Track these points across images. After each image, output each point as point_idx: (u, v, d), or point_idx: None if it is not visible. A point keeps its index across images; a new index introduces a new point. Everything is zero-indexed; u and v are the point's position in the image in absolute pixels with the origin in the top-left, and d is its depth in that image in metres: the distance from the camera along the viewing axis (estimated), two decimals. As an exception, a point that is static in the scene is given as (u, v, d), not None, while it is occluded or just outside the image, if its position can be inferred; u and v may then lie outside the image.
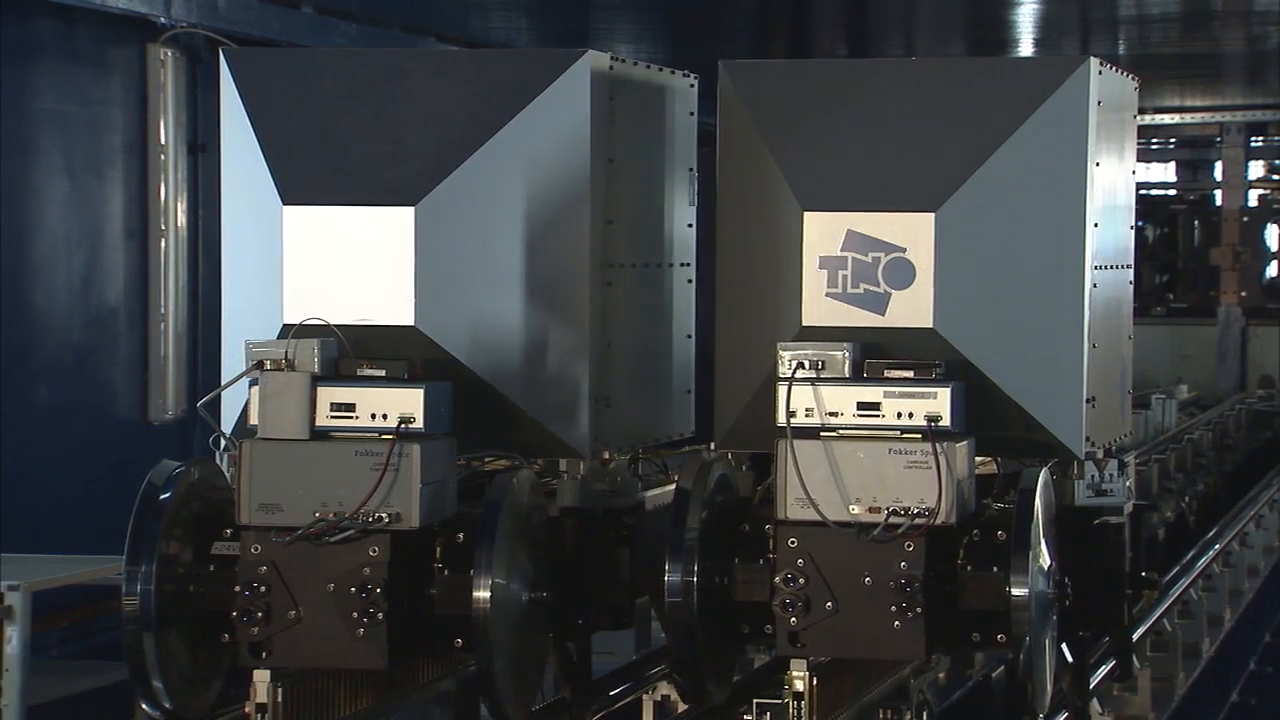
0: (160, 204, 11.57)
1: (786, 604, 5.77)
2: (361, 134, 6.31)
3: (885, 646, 5.83)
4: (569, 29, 14.09)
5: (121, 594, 5.87)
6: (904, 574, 5.72)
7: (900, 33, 15.26)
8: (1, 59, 10.28)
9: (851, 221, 6.12)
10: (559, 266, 6.33)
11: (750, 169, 6.30)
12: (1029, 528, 5.79)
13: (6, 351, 10.58)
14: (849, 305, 6.12)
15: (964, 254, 6.10)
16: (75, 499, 10.03)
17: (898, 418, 5.81)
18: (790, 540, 5.82)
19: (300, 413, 5.87)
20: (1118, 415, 6.66)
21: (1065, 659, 6.34)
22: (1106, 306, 6.42)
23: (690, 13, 13.51)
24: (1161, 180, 21.08)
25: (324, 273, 6.24)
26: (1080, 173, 6.14)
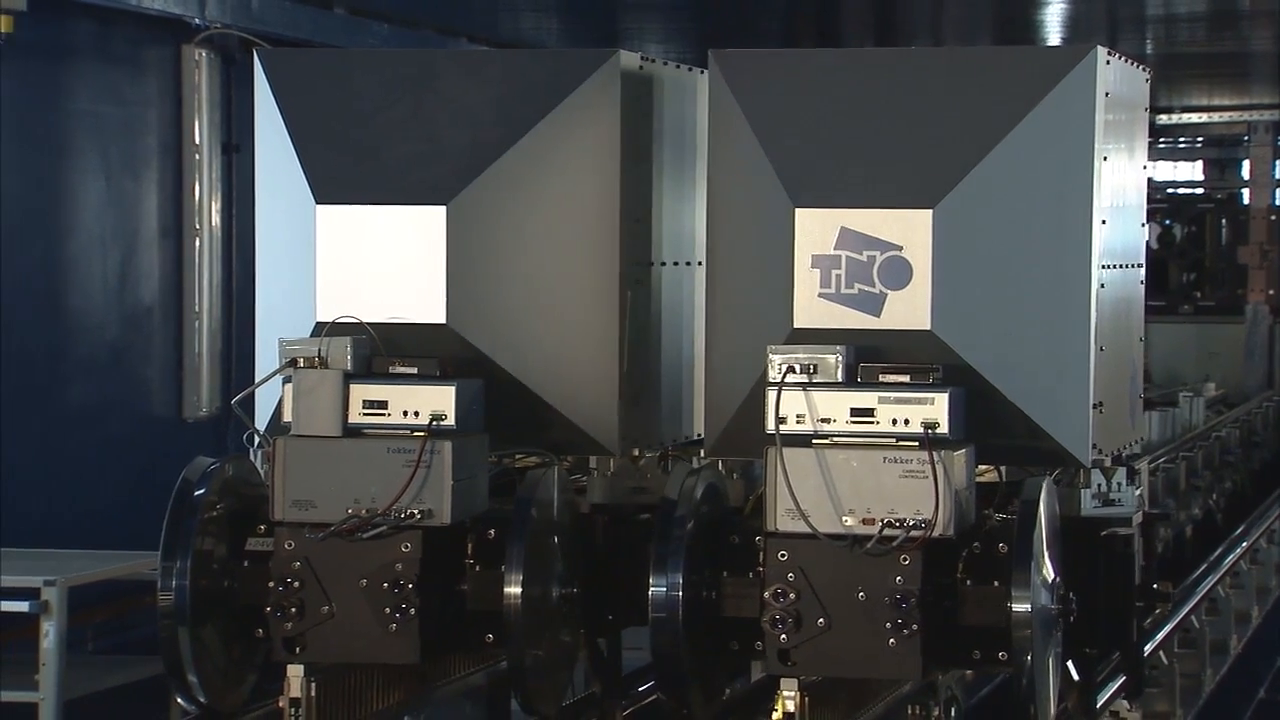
0: (195, 203, 11.60)
1: (776, 620, 5.42)
2: (393, 134, 6.32)
3: (879, 665, 5.45)
4: (599, 29, 14.09)
5: (157, 589, 5.89)
6: (899, 589, 5.36)
7: (928, 32, 15.23)
8: (39, 59, 10.31)
9: (845, 218, 5.77)
10: (589, 265, 6.32)
11: (740, 163, 5.96)
12: (1031, 540, 5.46)
13: (43, 349, 10.62)
14: (843, 306, 5.76)
15: (963, 253, 5.75)
16: (110, 495, 10.07)
17: (893, 425, 5.46)
18: (780, 553, 5.47)
19: (333, 410, 5.89)
20: (1127, 421, 6.29)
21: (1071, 677, 6.03)
22: (1115, 307, 6.08)
23: (720, 13, 13.51)
24: (1189, 179, 21.07)
25: (356, 271, 6.26)
26: (1086, 167, 5.81)
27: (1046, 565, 5.55)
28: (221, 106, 11.61)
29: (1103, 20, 13.83)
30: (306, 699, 5.96)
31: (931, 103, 5.83)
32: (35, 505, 10.02)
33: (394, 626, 5.80)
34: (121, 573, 8.89)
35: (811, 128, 5.87)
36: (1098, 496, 5.93)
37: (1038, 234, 5.79)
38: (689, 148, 6.77)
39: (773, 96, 5.93)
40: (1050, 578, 5.57)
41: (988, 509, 5.73)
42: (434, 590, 5.88)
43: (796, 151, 5.85)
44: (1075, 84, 5.78)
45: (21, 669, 8.79)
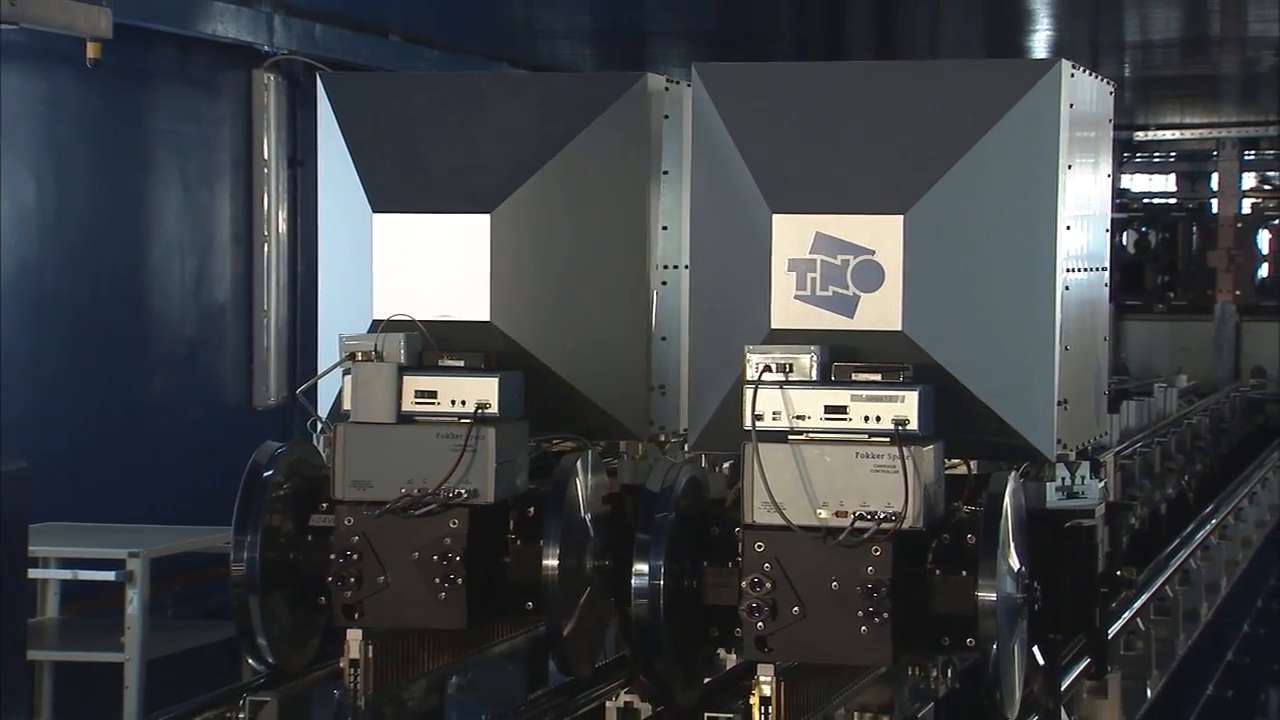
0: (263, 212, 11.62)
1: (753, 609, 5.17)
2: (443, 149, 6.31)
3: (852, 651, 5.20)
4: (628, 55, 14.07)
5: (230, 561, 5.89)
6: (871, 579, 5.11)
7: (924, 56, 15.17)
8: (124, 82, 10.33)
9: (820, 224, 5.51)
10: (619, 267, 6.31)
11: (721, 171, 5.70)
12: (997, 532, 5.21)
13: (128, 345, 10.65)
14: (818, 308, 5.50)
15: (933, 257, 5.48)
16: (188, 476, 10.09)
17: (865, 421, 5.20)
18: (757, 544, 5.21)
19: (388, 399, 5.88)
20: (1092, 417, 6.05)
21: (1037, 661, 5.74)
22: (1080, 309, 5.83)
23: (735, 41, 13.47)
24: (1163, 190, 21.06)
25: (409, 273, 6.25)
26: (1051, 175, 5.54)
27: (1012, 555, 5.32)
28: (288, 125, 11.63)
29: (1085, 45, 13.77)
30: (364, 660, 5.95)
31: (903, 113, 5.61)
32: (121, 485, 10.05)
33: (443, 595, 5.79)
34: (198, 546, 8.92)
35: (789, 137, 5.66)
36: (1062, 489, 5.68)
37: (1005, 239, 5.56)
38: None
39: (752, 107, 5.72)
40: (1016, 567, 5.35)
41: (957, 501, 5.51)
42: (479, 562, 5.87)
43: (774, 160, 5.63)
44: (1040, 96, 5.53)
45: (109, 633, 8.81)
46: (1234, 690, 10.17)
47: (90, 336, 10.29)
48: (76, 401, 10.05)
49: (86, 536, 9.11)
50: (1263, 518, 12.53)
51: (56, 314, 10.04)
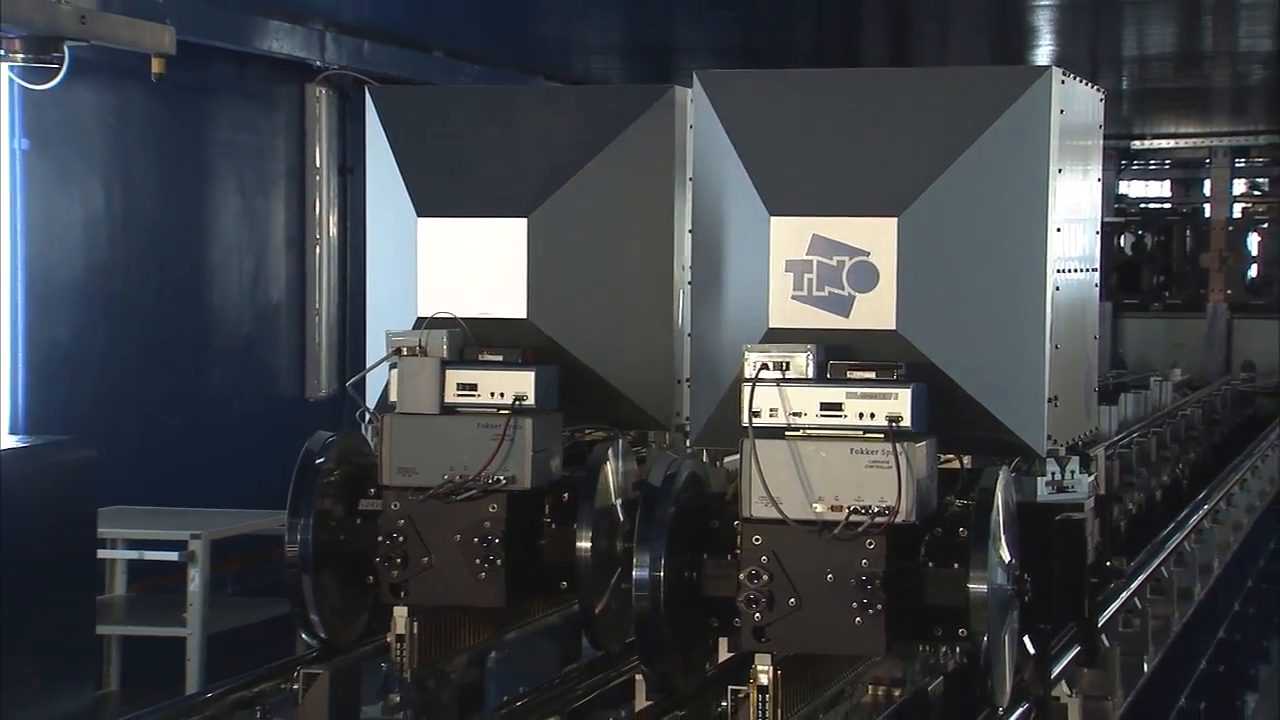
0: (315, 217, 11.63)
1: (751, 600, 4.97)
2: (483, 157, 6.30)
3: (847, 641, 5.01)
4: (656, 69, 14.05)
5: (284, 542, 5.90)
6: (865, 571, 4.92)
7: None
8: (186, 96, 10.35)
9: (816, 226, 5.33)
10: (647, 268, 6.29)
11: (721, 175, 5.52)
12: (988, 525, 5.02)
13: (190, 341, 10.67)
14: (814, 308, 5.32)
15: (926, 258, 5.29)
16: (246, 463, 10.11)
17: (859, 418, 4.99)
18: (755, 538, 5.01)
19: (432, 391, 5.88)
20: (1082, 413, 5.83)
21: (1028, 650, 5.53)
22: (1070, 308, 5.61)
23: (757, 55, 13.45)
24: (1159, 195, 21.03)
25: (451, 274, 6.25)
26: (1041, 179, 5.32)
27: (1003, 548, 5.14)
28: (338, 135, 11.64)
29: (1085, 59, 13.72)
30: (410, 636, 5.95)
31: (898, 119, 5.41)
32: (183, 471, 10.07)
33: (483, 575, 5.79)
34: (255, 528, 8.93)
35: (786, 142, 5.47)
36: (1052, 484, 5.52)
37: (996, 241, 5.35)
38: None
39: (751, 113, 5.54)
40: (1007, 560, 5.17)
41: (950, 495, 5.29)
42: (517, 544, 5.86)
43: (772, 164, 5.45)
44: (1031, 102, 5.32)
45: (172, 609, 8.83)
46: (1225, 665, 10.14)
47: (155, 333, 10.31)
48: (142, 394, 10.08)
49: (152, 519, 9.13)
50: (1252, 503, 12.48)
51: (124, 312, 10.06)
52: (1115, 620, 7.69)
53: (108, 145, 9.99)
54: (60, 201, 9.66)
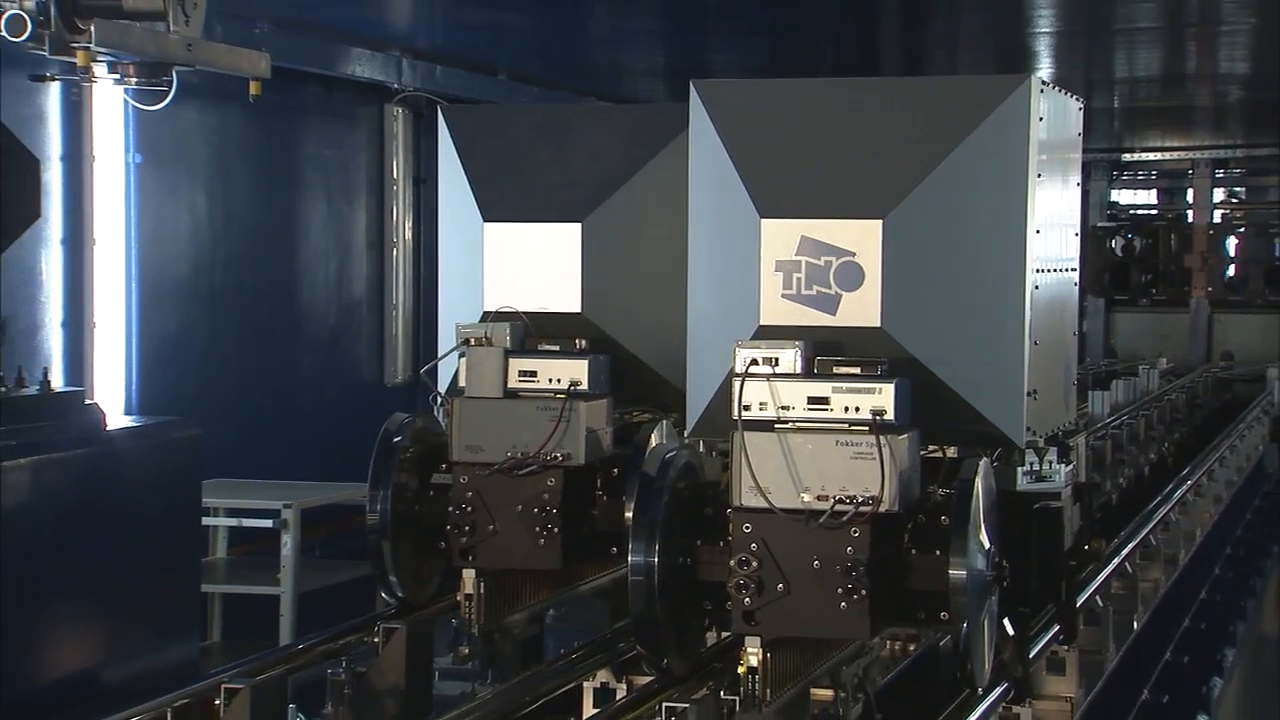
0: (393, 222, 11.66)
1: (741, 585, 4.68)
2: (542, 168, 6.29)
3: (832, 625, 4.71)
4: (697, 91, 14.03)
5: (366, 511, 5.90)
6: (850, 558, 4.63)
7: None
8: (279, 115, 10.38)
9: (805, 228, 5.03)
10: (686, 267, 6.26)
11: (715, 179, 5.22)
12: (968, 514, 4.73)
13: (282, 331, 10.71)
14: (803, 306, 5.01)
15: (910, 258, 4.98)
16: (332, 441, 10.14)
17: (845, 411, 4.70)
18: (745, 526, 4.72)
19: (496, 377, 5.87)
20: (1061, 405, 5.52)
21: (1007, 632, 5.21)
22: (1049, 306, 5.29)
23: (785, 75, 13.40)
24: (1146, 202, 20.98)
25: (513, 272, 6.23)
26: (1021, 183, 5.01)
27: (983, 536, 4.84)
28: (413, 149, 11.67)
29: (1081, 80, 13.60)
30: (477, 595, 5.95)
31: (883, 125, 5.10)
32: (277, 448, 10.11)
33: (542, 541, 5.77)
34: (339, 498, 8.96)
35: (777, 148, 5.17)
36: (1030, 473, 5.20)
37: (977, 242, 5.04)
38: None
39: (744, 120, 5.23)
40: (986, 547, 4.87)
41: (933, 485, 4.97)
42: (572, 514, 5.84)
43: (763, 168, 5.14)
44: (1011, 109, 5.01)
45: (267, 570, 8.87)
46: (1206, 623, 10.05)
47: (252, 325, 10.35)
48: (241, 379, 10.12)
49: (249, 491, 9.17)
50: (1230, 478, 12.39)
51: (224, 307, 10.11)
52: (1108, 583, 7.64)
53: (210, 159, 10.02)
54: (169, 209, 9.70)
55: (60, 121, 8.80)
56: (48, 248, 8.75)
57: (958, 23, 10.88)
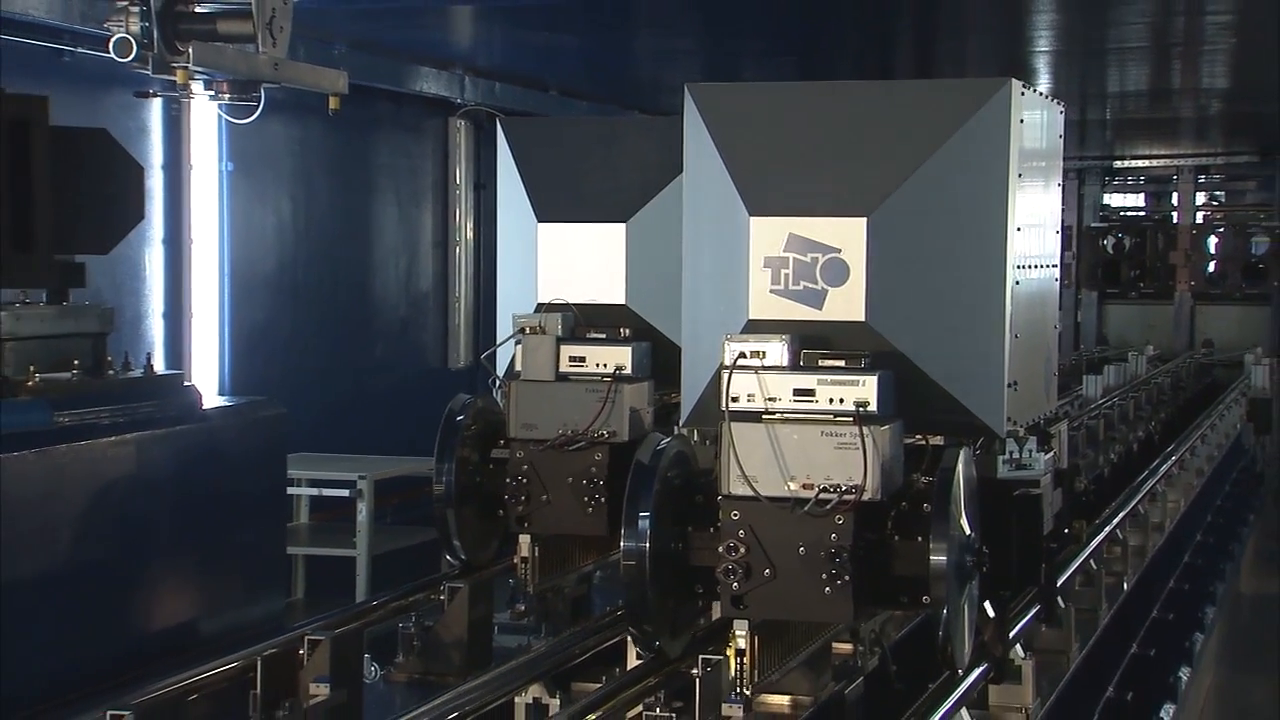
0: (456, 223, 11.67)
1: (729, 570, 4.40)
2: (590, 174, 6.25)
3: (817, 609, 4.44)
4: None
5: (432, 482, 5.89)
6: (834, 544, 4.34)
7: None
8: (355, 128, 10.39)
9: (793, 225, 4.73)
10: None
11: (708, 179, 4.90)
12: (949, 501, 4.44)
13: (357, 321, 10.73)
14: (790, 301, 4.71)
15: (893, 255, 4.68)
16: (401, 419, 10.17)
17: (830, 403, 4.41)
18: (733, 513, 4.43)
19: (549, 362, 5.84)
20: (1042, 395, 5.23)
21: (988, 614, 4.93)
22: (1030, 300, 4.99)
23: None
24: (1135, 205, 20.88)
25: (564, 268, 6.20)
26: (1002, 182, 4.70)
27: (964, 522, 4.55)
28: (474, 158, 11.67)
29: (1077, 94, 13.51)
30: (532, 558, 5.93)
31: (869, 127, 4.78)
32: (352, 425, 10.13)
33: (590, 509, 5.74)
34: (409, 470, 8.97)
35: (766, 148, 4.85)
36: (1011, 461, 4.89)
37: (959, 239, 4.72)
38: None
39: (735, 122, 4.91)
40: (966, 533, 4.57)
41: (917, 473, 4.66)
42: (616, 484, 5.80)
43: (752, 168, 4.83)
44: (993, 111, 4.70)
45: (344, 535, 8.90)
46: (1189, 585, 9.97)
47: (330, 316, 10.37)
48: (320, 364, 10.14)
49: (328, 464, 9.20)
50: (1211, 454, 12.29)
51: (306, 299, 10.13)
52: (1101, 549, 7.58)
53: (294, 167, 10.04)
54: (257, 211, 9.73)
55: (161, 134, 8.83)
56: (150, 246, 8.79)
57: (965, 42, 10.81)
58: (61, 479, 5.14)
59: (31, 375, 5.28)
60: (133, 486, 5.42)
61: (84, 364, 5.54)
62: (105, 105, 8.07)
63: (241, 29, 5.92)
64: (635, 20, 9.90)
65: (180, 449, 5.67)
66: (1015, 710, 5.47)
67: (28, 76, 6.85)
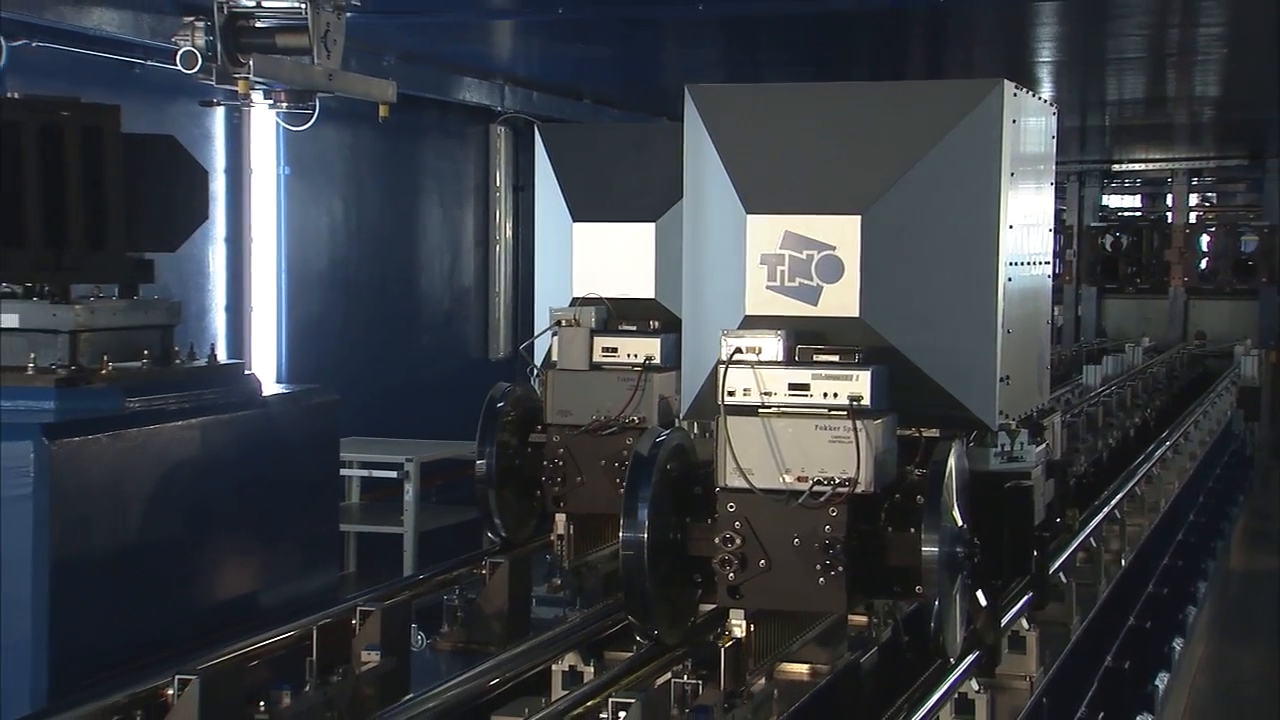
0: (496, 223, 11.67)
1: (725, 561, 4.23)
2: (621, 176, 6.23)
3: (811, 599, 4.25)
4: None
5: (474, 464, 5.89)
6: (828, 536, 4.17)
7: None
8: (402, 134, 10.40)
9: (789, 223, 4.52)
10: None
11: (707, 178, 4.69)
12: (940, 494, 4.24)
13: (405, 315, 10.75)
14: (786, 297, 4.51)
15: (887, 252, 4.47)
16: (445, 405, 10.18)
17: (824, 397, 4.23)
18: (729, 505, 4.24)
19: (583, 353, 5.84)
20: (1034, 389, 5.01)
21: (979, 603, 4.67)
22: (1023, 297, 4.77)
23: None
24: (1133, 206, 20.81)
25: (598, 264, 6.19)
26: (994, 181, 4.47)
27: (955, 514, 4.36)
28: (513, 161, 11.67)
29: (1078, 102, 13.43)
30: (567, 535, 5.94)
31: (863, 127, 4.57)
32: (400, 411, 10.15)
33: (622, 490, 5.70)
34: (452, 453, 8.98)
35: (762, 148, 4.65)
36: (1002, 454, 4.69)
37: (952, 237, 4.51)
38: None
39: (733, 122, 4.69)
40: (958, 524, 4.38)
41: (910, 465, 4.46)
42: (647, 467, 5.80)
43: (750, 168, 4.62)
44: (985, 112, 4.49)
45: (392, 514, 8.93)
46: (1183, 561, 9.91)
47: (379, 309, 10.39)
48: (370, 354, 10.16)
49: (378, 447, 9.21)
50: (1203, 439, 12.21)
51: (358, 294, 10.15)
52: (1100, 528, 7.53)
53: (346, 171, 10.06)
54: (311, 212, 9.75)
55: (224, 140, 8.86)
56: (213, 245, 8.82)
57: (973, 54, 10.76)
58: (132, 460, 5.16)
59: (105, 364, 5.31)
60: (198, 467, 5.44)
61: (153, 354, 5.56)
62: (172, 114, 8.10)
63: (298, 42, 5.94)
64: (663, 34, 9.89)
65: (241, 433, 5.68)
66: (1020, 678, 5.44)
67: (101, 87, 6.89)
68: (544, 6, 8.45)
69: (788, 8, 8.47)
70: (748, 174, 4.62)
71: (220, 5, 5.68)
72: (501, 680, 4.87)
